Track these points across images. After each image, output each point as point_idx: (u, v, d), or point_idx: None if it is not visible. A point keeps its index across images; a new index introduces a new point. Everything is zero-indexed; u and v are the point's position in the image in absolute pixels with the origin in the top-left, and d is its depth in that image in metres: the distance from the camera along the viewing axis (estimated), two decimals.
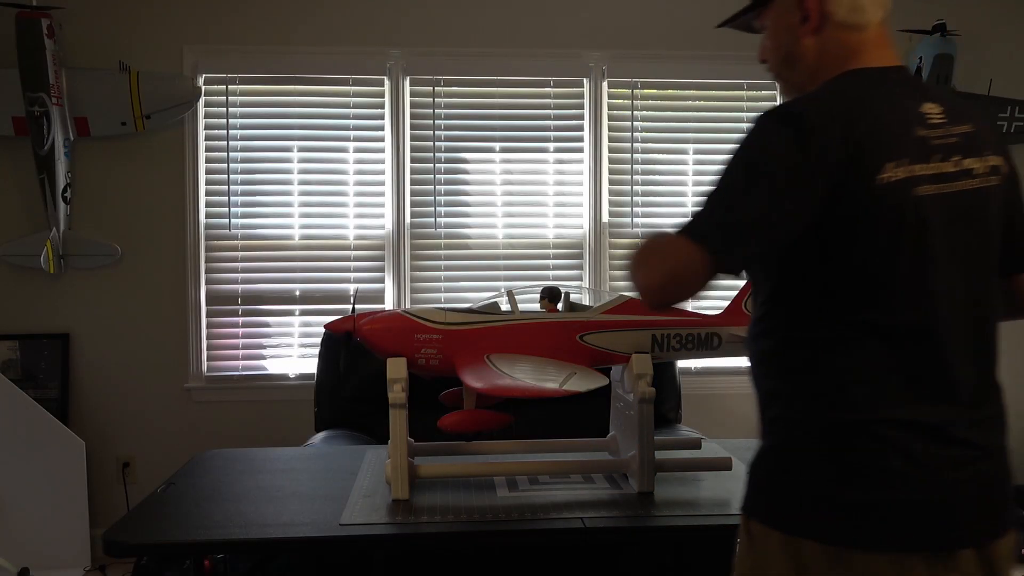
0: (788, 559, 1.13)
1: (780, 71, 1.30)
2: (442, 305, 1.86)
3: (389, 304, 3.71)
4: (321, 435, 2.74)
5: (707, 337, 1.83)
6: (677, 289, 1.16)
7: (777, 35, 1.27)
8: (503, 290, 1.86)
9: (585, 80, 3.75)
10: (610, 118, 3.78)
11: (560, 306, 1.87)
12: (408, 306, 1.68)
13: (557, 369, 1.63)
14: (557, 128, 3.76)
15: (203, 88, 3.60)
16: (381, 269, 3.73)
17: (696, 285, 1.14)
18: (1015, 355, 4.05)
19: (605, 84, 3.75)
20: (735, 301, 1.88)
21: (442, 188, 3.73)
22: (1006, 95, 3.79)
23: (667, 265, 1.15)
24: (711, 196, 1.14)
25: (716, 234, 1.12)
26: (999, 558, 1.15)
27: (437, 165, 3.72)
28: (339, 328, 1.80)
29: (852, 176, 1.09)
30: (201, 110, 3.63)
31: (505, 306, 1.83)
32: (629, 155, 3.79)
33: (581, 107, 3.77)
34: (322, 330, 3.10)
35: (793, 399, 1.18)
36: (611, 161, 3.78)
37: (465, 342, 1.75)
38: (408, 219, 3.72)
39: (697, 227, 1.13)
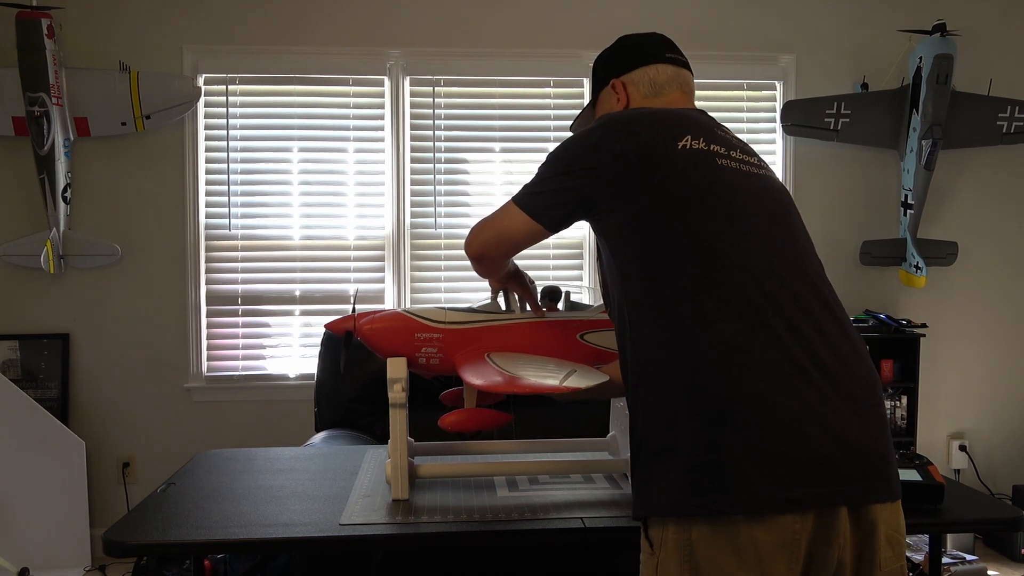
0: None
1: None
2: (442, 305, 1.85)
3: (389, 304, 3.71)
4: (321, 435, 2.74)
5: None
6: (501, 245, 1.51)
7: (602, 111, 1.60)
8: (504, 289, 1.85)
9: (585, 80, 3.75)
10: None
11: (561, 305, 1.86)
12: (408, 306, 1.67)
13: (557, 367, 1.63)
14: (557, 128, 3.76)
15: (203, 88, 3.61)
16: (381, 269, 3.73)
17: (518, 241, 1.48)
18: (1013, 355, 4.05)
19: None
20: None
21: (442, 188, 3.73)
22: (1006, 95, 3.79)
23: (493, 228, 1.49)
24: (538, 170, 1.45)
25: (526, 197, 1.44)
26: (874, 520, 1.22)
27: (437, 165, 3.73)
28: (339, 328, 1.80)
29: (652, 143, 1.34)
30: (201, 110, 3.63)
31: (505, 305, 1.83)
32: None
33: (581, 107, 3.77)
34: (322, 330, 3.10)
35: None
36: None
37: (466, 341, 1.75)
38: (408, 219, 3.72)
39: (520, 195, 1.45)
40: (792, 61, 3.83)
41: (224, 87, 3.65)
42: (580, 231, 3.79)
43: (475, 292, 3.75)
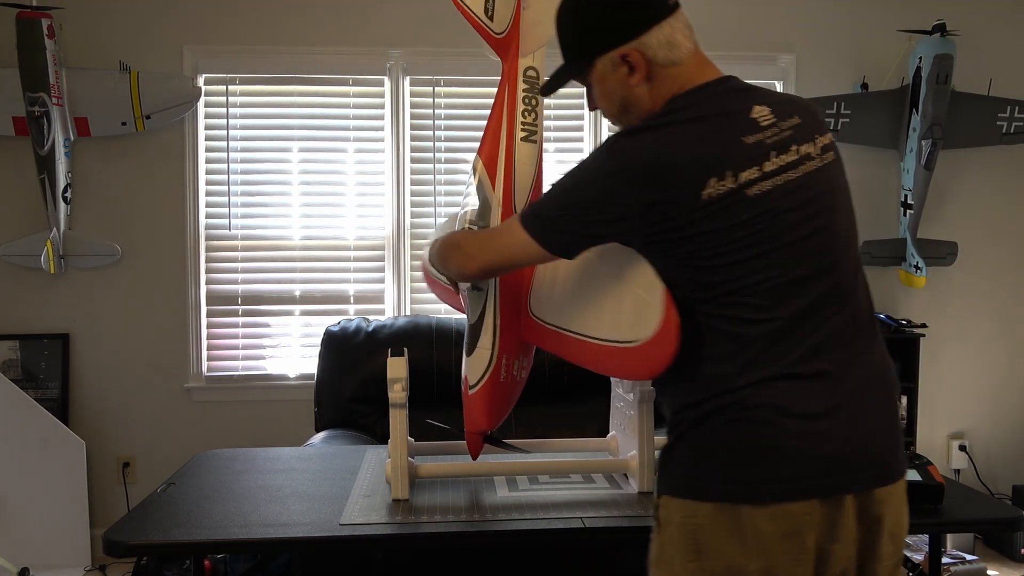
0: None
1: (619, 118, 1.40)
2: (464, 348, 1.82)
3: (389, 303, 3.71)
4: (321, 435, 2.74)
5: None
6: (506, 267, 1.50)
7: (608, 90, 1.37)
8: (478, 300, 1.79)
9: None
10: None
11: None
12: (464, 375, 1.67)
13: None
14: (557, 128, 3.76)
15: (203, 88, 3.60)
16: (381, 270, 3.73)
17: (526, 264, 1.48)
18: (1013, 355, 4.05)
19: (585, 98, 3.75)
20: None
21: (442, 188, 3.73)
22: (1006, 95, 3.79)
23: (494, 248, 1.44)
24: (548, 195, 1.36)
25: (540, 230, 1.35)
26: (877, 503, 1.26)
27: (437, 165, 3.72)
28: (477, 450, 1.84)
29: (674, 198, 1.22)
30: (201, 110, 3.63)
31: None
32: None
33: (581, 107, 3.77)
34: (322, 330, 3.10)
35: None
36: None
37: (511, 337, 1.73)
38: (408, 219, 3.72)
39: (527, 217, 1.37)
40: (792, 61, 3.83)
41: (224, 87, 3.64)
42: None
43: None
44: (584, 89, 1.44)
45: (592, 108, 1.45)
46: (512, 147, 1.72)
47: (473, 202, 1.75)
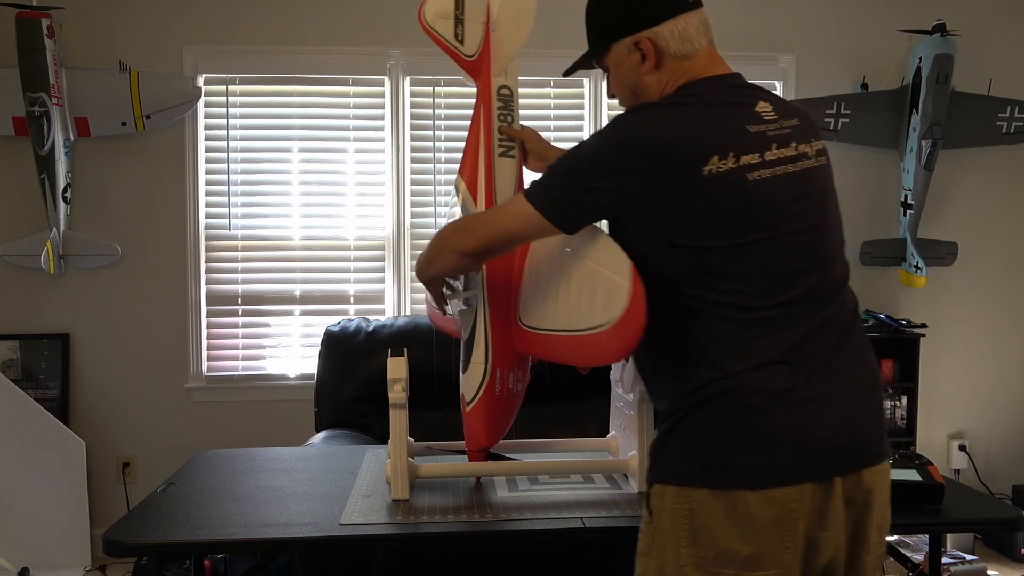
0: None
1: (629, 103, 1.46)
2: (460, 366, 1.84)
3: (389, 304, 3.71)
4: (321, 435, 2.74)
5: None
6: (507, 243, 1.48)
7: (621, 75, 1.45)
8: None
9: (585, 80, 3.75)
10: (609, 119, 3.78)
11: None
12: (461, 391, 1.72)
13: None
14: (557, 128, 3.76)
15: (203, 88, 3.60)
16: (381, 270, 3.73)
17: (528, 238, 1.50)
18: (1013, 354, 4.04)
19: (604, 84, 3.74)
20: None
21: (442, 188, 3.73)
22: (1006, 95, 3.79)
23: (494, 221, 1.45)
24: (551, 167, 1.39)
25: (543, 199, 1.36)
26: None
27: (437, 165, 3.72)
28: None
29: (677, 171, 1.26)
30: (201, 110, 3.63)
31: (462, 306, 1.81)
32: None
33: (581, 107, 3.77)
34: (322, 330, 3.10)
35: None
36: None
37: (504, 346, 1.74)
38: (408, 219, 3.72)
39: (530, 188, 1.39)
40: (792, 61, 3.83)
41: (224, 87, 3.64)
42: None
43: None
44: (605, 77, 1.53)
45: (611, 95, 1.53)
46: (491, 164, 1.77)
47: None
